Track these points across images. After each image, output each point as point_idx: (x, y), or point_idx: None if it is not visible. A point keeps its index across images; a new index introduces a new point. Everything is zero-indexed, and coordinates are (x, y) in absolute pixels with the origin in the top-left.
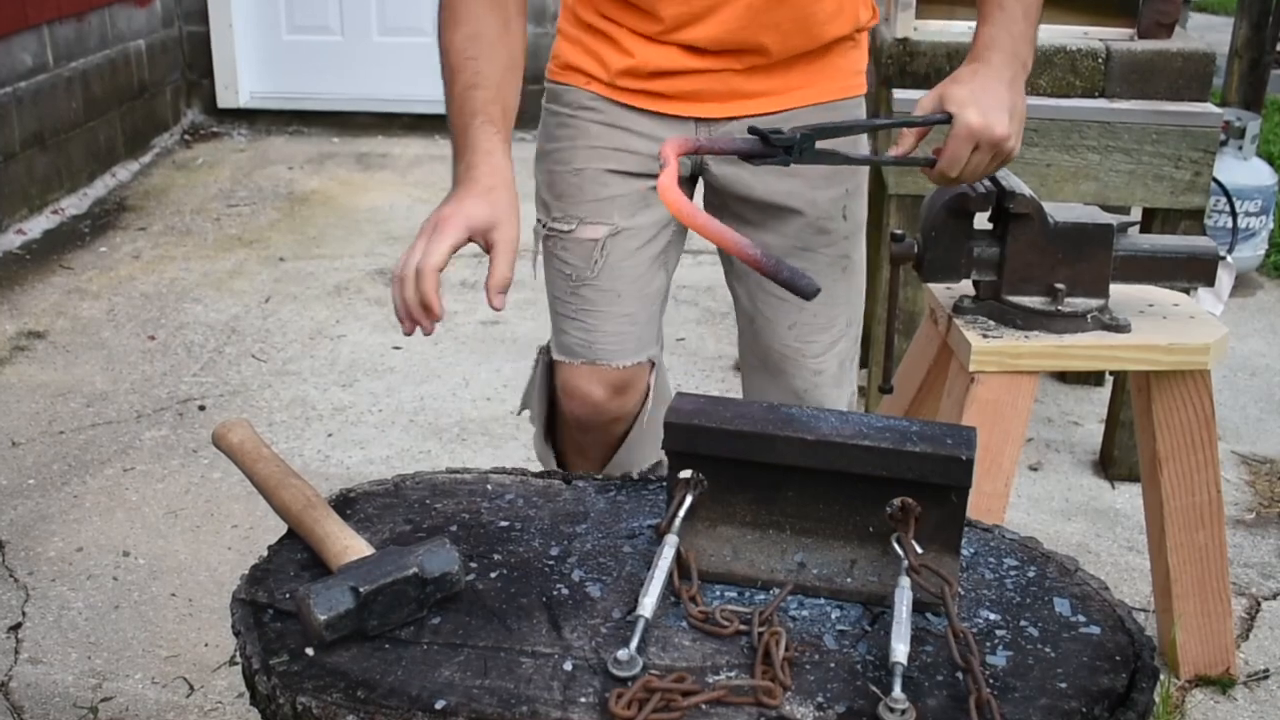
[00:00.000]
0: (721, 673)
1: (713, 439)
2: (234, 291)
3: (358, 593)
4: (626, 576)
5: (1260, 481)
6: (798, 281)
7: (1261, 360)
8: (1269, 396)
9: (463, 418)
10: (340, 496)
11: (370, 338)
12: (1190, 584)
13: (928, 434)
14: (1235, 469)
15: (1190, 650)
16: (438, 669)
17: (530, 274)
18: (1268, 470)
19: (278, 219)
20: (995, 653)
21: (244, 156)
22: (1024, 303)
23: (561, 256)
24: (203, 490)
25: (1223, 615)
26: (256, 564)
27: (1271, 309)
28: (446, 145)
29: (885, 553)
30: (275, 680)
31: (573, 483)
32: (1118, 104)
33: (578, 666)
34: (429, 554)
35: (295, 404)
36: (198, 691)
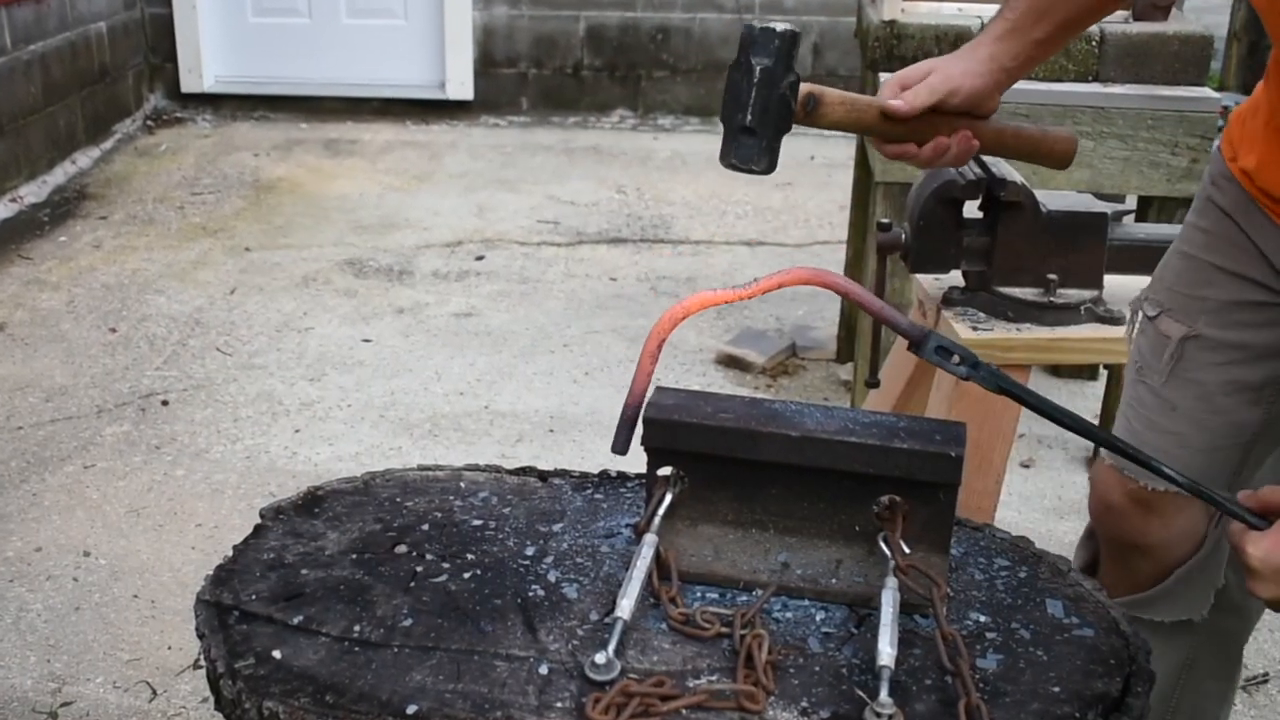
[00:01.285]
0: (702, 677)
1: (693, 435)
2: (198, 282)
3: None
4: (604, 577)
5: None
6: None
7: None
8: None
9: (435, 413)
10: (308, 494)
11: (339, 330)
12: None
13: (915, 430)
14: None
15: None
16: (409, 673)
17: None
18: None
19: (243, 207)
20: (985, 656)
21: (208, 143)
22: (1015, 294)
23: (1137, 339)
24: (165, 488)
25: None
26: (221, 564)
27: None
28: (418, 130)
29: (871, 552)
30: (241, 684)
31: (549, 480)
32: (1112, 88)
33: (554, 670)
34: None
35: (261, 399)
36: (160, 696)
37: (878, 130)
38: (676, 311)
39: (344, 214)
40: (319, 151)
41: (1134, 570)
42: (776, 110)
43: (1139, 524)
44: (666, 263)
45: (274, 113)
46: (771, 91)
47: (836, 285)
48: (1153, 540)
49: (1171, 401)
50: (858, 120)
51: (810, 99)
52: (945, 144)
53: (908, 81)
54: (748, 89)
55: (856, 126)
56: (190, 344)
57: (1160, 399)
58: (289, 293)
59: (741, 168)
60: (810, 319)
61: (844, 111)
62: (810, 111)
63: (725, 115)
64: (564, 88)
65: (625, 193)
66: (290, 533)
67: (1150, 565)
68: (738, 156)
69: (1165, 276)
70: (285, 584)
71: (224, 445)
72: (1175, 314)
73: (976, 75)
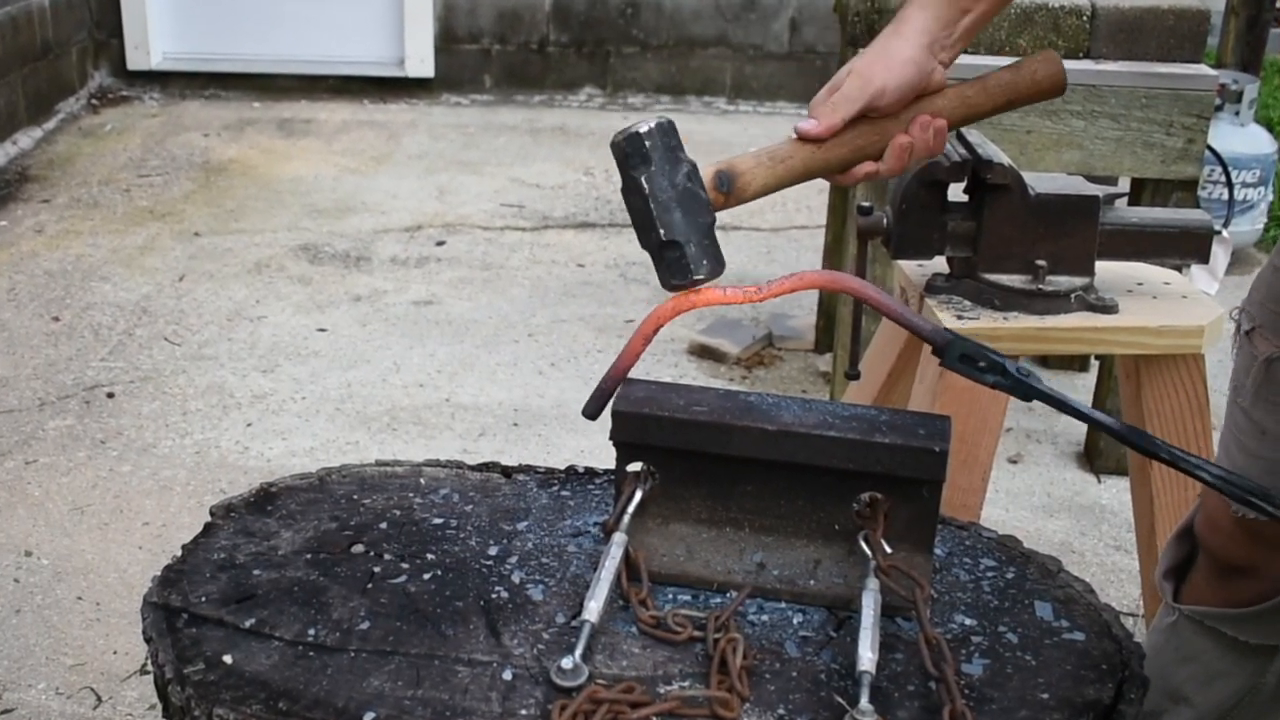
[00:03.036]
0: (674, 683)
1: (664, 429)
2: (145, 269)
3: None
4: (571, 578)
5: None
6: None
7: None
8: None
9: (393, 405)
10: (260, 491)
11: (293, 319)
12: None
13: (898, 424)
14: None
15: None
16: (366, 678)
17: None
18: None
19: (193, 190)
20: (971, 661)
21: (156, 122)
22: (1002, 281)
23: (1236, 354)
24: (111, 484)
25: None
26: (170, 564)
27: None
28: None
29: (852, 552)
30: (190, 691)
31: (513, 476)
32: (1104, 65)
33: (518, 676)
34: None
35: (211, 391)
36: (105, 703)
37: (817, 169)
38: (683, 302)
39: (298, 197)
40: (272, 132)
41: (1234, 587)
42: (690, 210)
43: (1246, 549)
44: (636, 249)
45: (225, 91)
46: (670, 195)
47: (852, 288)
48: (1260, 564)
49: (1261, 425)
50: (789, 169)
51: (721, 178)
52: (905, 142)
53: (832, 90)
54: (645, 205)
55: (791, 177)
56: (137, 334)
57: (1251, 422)
58: (240, 280)
59: (685, 284)
60: (787, 307)
61: (766, 171)
62: (729, 191)
63: (642, 243)
64: (529, 65)
65: (593, 175)
66: (242, 532)
67: (1254, 585)
68: (674, 275)
69: (1259, 288)
70: (236, 585)
71: (172, 440)
72: (1265, 330)
73: (902, 63)
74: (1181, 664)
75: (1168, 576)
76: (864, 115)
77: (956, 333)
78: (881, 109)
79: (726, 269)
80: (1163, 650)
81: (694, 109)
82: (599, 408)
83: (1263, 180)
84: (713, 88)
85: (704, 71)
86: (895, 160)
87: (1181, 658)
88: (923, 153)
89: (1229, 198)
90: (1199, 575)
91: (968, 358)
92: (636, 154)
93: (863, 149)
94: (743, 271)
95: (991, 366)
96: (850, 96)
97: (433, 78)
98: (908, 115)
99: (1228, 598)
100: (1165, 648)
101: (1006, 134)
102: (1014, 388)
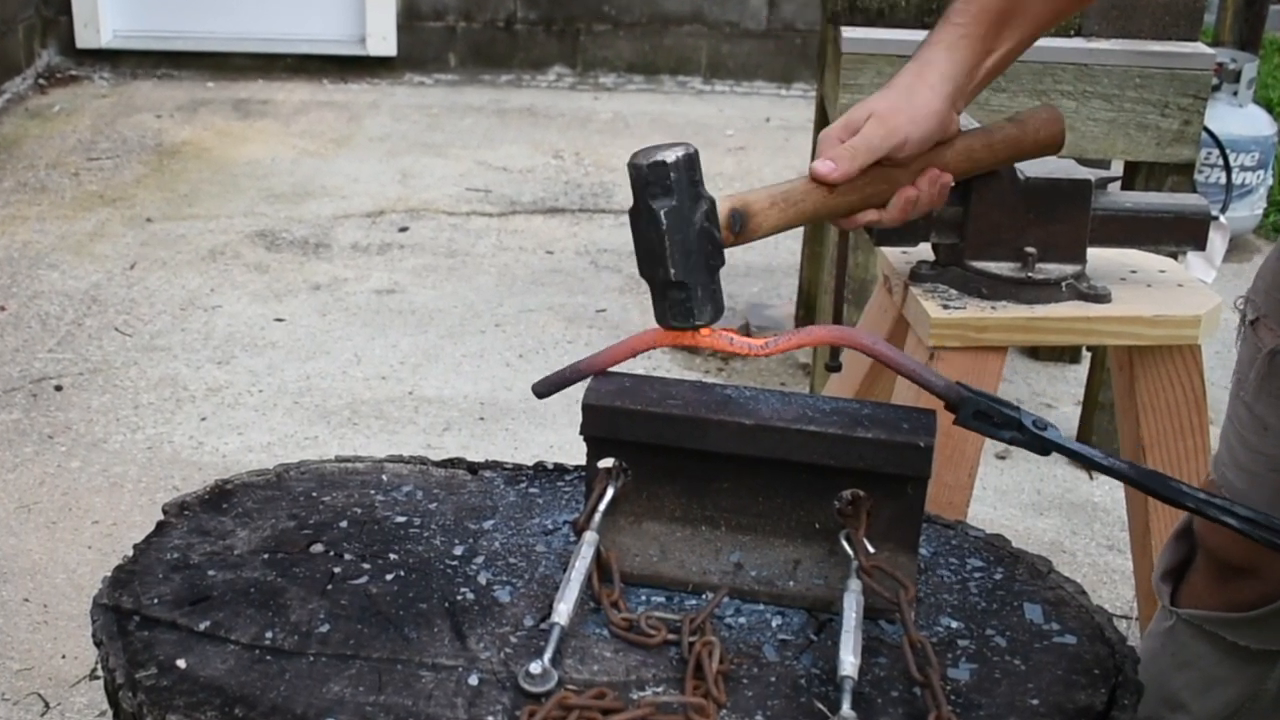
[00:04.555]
0: (647, 688)
1: (637, 423)
2: (95, 256)
3: None
4: (540, 579)
5: None
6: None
7: None
8: None
9: (354, 399)
10: (215, 489)
11: (249, 309)
12: None
13: (881, 418)
14: None
15: None
16: (326, 683)
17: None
18: None
19: (144, 174)
20: (957, 665)
21: (106, 103)
22: (990, 269)
23: (1240, 345)
24: (59, 481)
25: None
26: (120, 564)
27: None
28: (336, 90)
29: (833, 552)
30: (142, 697)
31: (479, 473)
32: (1096, 44)
33: (484, 681)
34: None
35: (164, 383)
36: (53, 709)
37: (825, 214)
38: (684, 337)
39: (255, 181)
40: (227, 113)
41: (1234, 590)
42: (702, 250)
43: (1247, 550)
44: (608, 234)
45: (178, 70)
46: (687, 232)
47: (863, 345)
48: (1261, 565)
49: (1264, 420)
50: (799, 212)
51: (735, 217)
52: (911, 195)
53: (845, 134)
54: (659, 240)
55: (801, 220)
56: (86, 324)
57: (1254, 416)
58: (194, 267)
59: (684, 327)
60: (765, 296)
61: (779, 213)
62: (739, 231)
63: (644, 272)
64: (495, 43)
65: (563, 158)
66: (196, 530)
67: (1255, 588)
68: (675, 316)
69: (1265, 276)
70: (190, 586)
71: (123, 434)
72: (1271, 321)
73: (926, 115)
74: (1179, 670)
75: (1165, 578)
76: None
77: (971, 389)
78: (897, 160)
79: None
80: (1159, 655)
81: (668, 89)
82: (550, 390)
83: (1262, 163)
84: (687, 67)
85: (678, 50)
86: (899, 212)
87: (1179, 663)
88: (925, 207)
89: (1227, 182)
90: (1198, 577)
91: (983, 414)
92: (658, 183)
93: (870, 197)
94: None
95: (1007, 422)
96: (871, 146)
97: (395, 56)
98: (917, 166)
99: (1228, 601)
100: (1162, 653)
101: (994, 116)
102: (1031, 443)
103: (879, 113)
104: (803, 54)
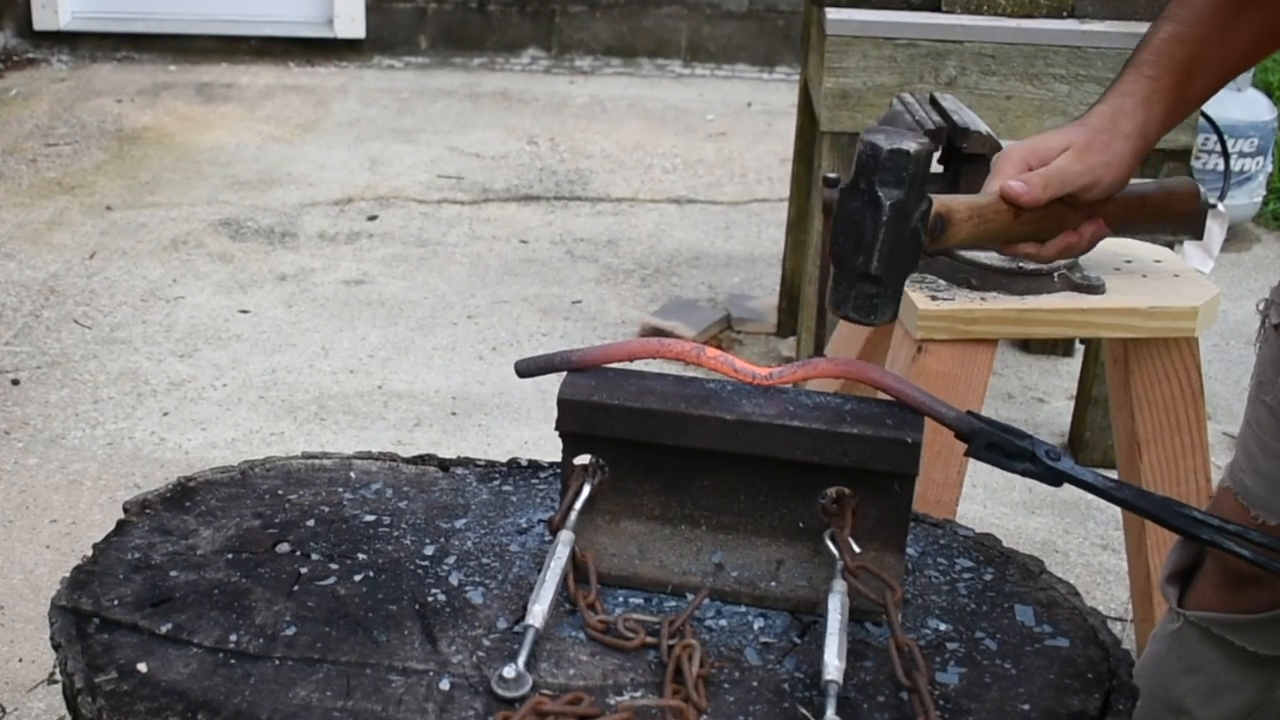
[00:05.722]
0: (625, 693)
1: (614, 418)
2: (53, 246)
3: None
4: (514, 580)
5: None
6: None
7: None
8: None
9: (321, 393)
10: (178, 486)
11: (212, 300)
12: None
13: (867, 413)
14: (1227, 453)
15: None
16: (292, 688)
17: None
18: None
19: (104, 161)
20: (946, 669)
21: (65, 87)
22: (979, 259)
23: (1261, 348)
24: (16, 479)
25: None
26: (80, 565)
27: (1269, 265)
28: (302, 73)
29: (817, 552)
30: (102, 702)
31: (450, 470)
32: (1089, 25)
33: (456, 685)
34: None
35: (125, 377)
36: (10, 714)
37: (1005, 236)
38: (687, 356)
39: (218, 168)
40: (190, 97)
41: (1244, 593)
42: (908, 250)
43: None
44: (584, 223)
45: (139, 53)
46: (903, 229)
47: (872, 379)
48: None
49: None
50: (987, 230)
51: (938, 223)
52: (1074, 240)
53: (1033, 159)
54: (873, 228)
55: (986, 238)
56: (44, 315)
57: (1276, 420)
58: (156, 257)
59: (860, 320)
60: (747, 287)
61: (972, 226)
62: (936, 236)
63: (841, 255)
64: (468, 24)
65: (537, 144)
66: (158, 529)
67: (1266, 591)
68: (856, 309)
69: None
70: (152, 588)
71: (82, 430)
72: None
73: (1120, 165)
74: (1185, 675)
75: (1172, 580)
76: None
77: (982, 418)
78: (1078, 200)
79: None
80: (1165, 659)
81: (646, 72)
82: (533, 370)
83: (1261, 150)
84: (667, 49)
85: (657, 31)
86: (1056, 252)
87: (1185, 668)
88: (1077, 253)
89: (1225, 168)
90: (1206, 580)
91: (995, 446)
92: (894, 172)
93: (1039, 230)
94: (698, 247)
95: (1020, 454)
96: (1065, 179)
97: (364, 38)
98: (1087, 211)
99: (1237, 604)
100: (1168, 657)
101: (985, 100)
102: (1045, 475)
103: (1077, 146)
104: (785, 36)
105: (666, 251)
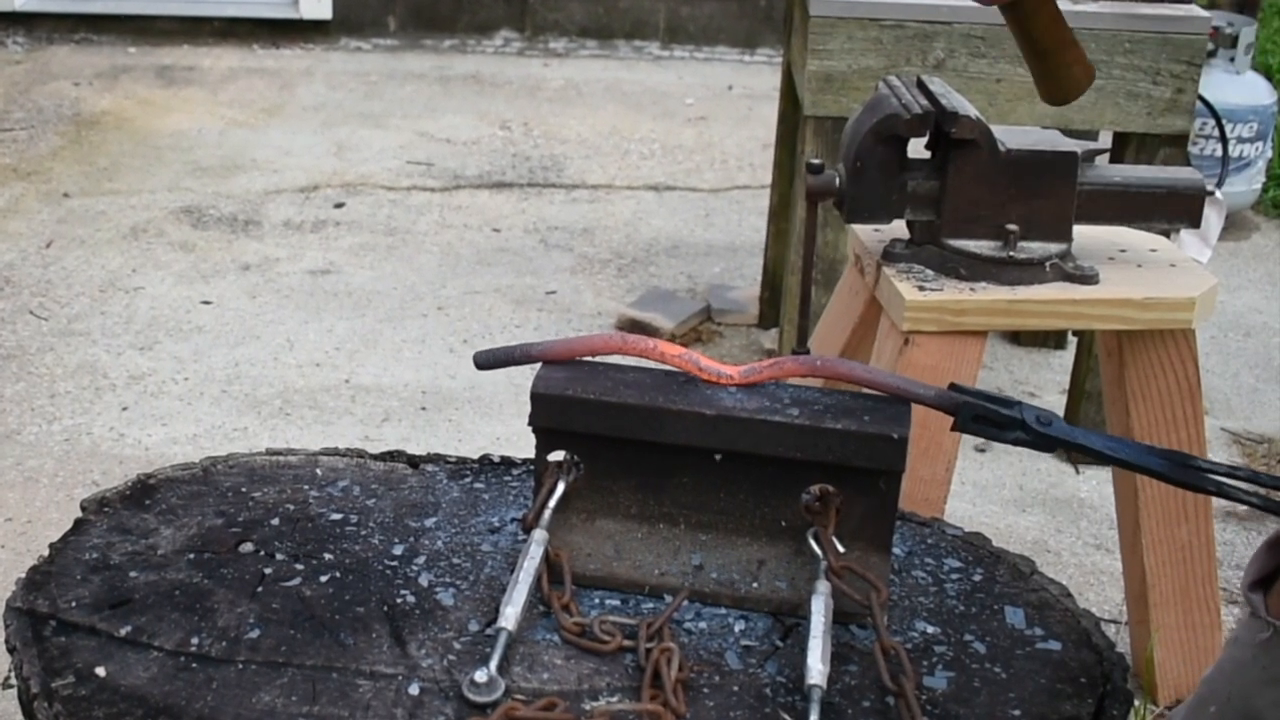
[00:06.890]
0: (601, 697)
1: (590, 413)
2: (7, 234)
3: None
4: (485, 581)
5: (1255, 464)
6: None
7: (1257, 318)
8: (1266, 362)
9: (286, 387)
10: (137, 483)
11: (174, 290)
12: (1171, 589)
13: (851, 407)
14: (1225, 449)
15: (1170, 670)
16: (256, 693)
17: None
18: (1264, 451)
19: (61, 146)
20: (934, 673)
21: (20, 70)
22: (969, 248)
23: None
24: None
25: (1210, 627)
26: (35, 565)
27: (1269, 255)
28: (266, 56)
29: (800, 552)
30: (59, 707)
31: (420, 467)
32: (1083, 6)
33: (426, 690)
34: None
35: (83, 370)
36: None
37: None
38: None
39: (180, 154)
40: (150, 80)
41: None
42: None
43: None
44: (558, 211)
45: (98, 34)
46: None
47: (840, 374)
48: None
49: None
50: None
51: None
52: None
53: None
54: None
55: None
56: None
57: None
58: (115, 246)
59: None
60: (728, 277)
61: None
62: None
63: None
64: (438, 5)
65: (510, 129)
66: (117, 529)
67: None
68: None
69: None
70: (111, 589)
71: (38, 425)
72: None
73: None
74: (1268, 685)
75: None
76: None
77: (964, 389)
78: None
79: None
80: (1248, 668)
81: (623, 54)
82: (492, 363)
83: (1261, 135)
84: (644, 30)
85: (634, 12)
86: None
87: (1269, 678)
88: None
89: (1223, 154)
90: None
91: (983, 418)
92: None
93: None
94: (677, 236)
95: (1010, 423)
96: None
97: (330, 20)
98: None
99: None
100: (1251, 665)
101: (973, 82)
102: (1038, 442)
103: None
104: (768, 17)
105: (644, 240)
